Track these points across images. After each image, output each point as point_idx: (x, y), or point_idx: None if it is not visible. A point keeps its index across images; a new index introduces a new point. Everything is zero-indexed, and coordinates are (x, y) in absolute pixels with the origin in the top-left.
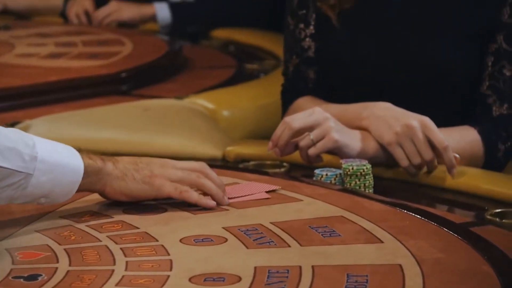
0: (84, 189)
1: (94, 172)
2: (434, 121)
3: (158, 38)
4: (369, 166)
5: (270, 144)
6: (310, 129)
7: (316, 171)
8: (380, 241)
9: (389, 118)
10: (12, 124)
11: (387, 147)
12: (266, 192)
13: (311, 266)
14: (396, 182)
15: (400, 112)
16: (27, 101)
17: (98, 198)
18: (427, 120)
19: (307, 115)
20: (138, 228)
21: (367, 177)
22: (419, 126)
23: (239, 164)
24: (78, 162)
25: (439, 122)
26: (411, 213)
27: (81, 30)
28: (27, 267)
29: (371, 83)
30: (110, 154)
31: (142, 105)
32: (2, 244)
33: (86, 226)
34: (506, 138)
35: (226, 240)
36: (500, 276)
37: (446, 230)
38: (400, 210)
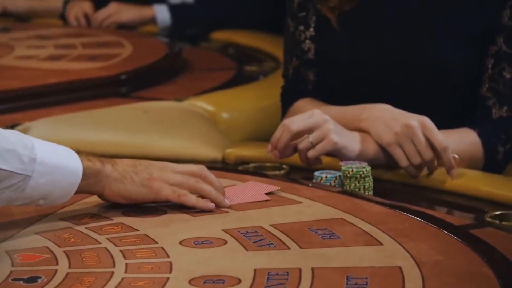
0: (82, 191)
1: (93, 174)
2: (434, 122)
3: (158, 40)
4: (368, 168)
5: (269, 146)
6: (309, 131)
7: (316, 173)
8: (380, 243)
9: (388, 119)
10: (12, 126)
11: (387, 148)
12: (265, 194)
13: (311, 268)
14: (395, 184)
15: (399, 113)
16: (26, 103)
17: (97, 200)
18: (427, 120)
19: (306, 117)
20: (138, 230)
21: (366, 179)
22: (419, 126)
23: (238, 166)
24: (77, 164)
25: (439, 124)
26: (410, 215)
27: (80, 32)
28: (26, 269)
29: (371, 84)
30: (110, 157)
31: (142, 107)
32: (1, 246)
33: (86, 228)
34: (505, 140)
35: (225, 242)
36: (499, 278)
37: (445, 232)
38: (400, 212)
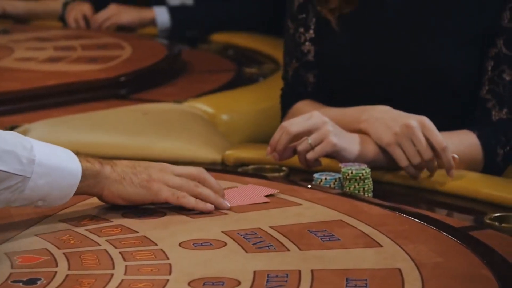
0: (82, 192)
1: (92, 175)
2: (434, 123)
3: (157, 42)
4: (368, 170)
5: (269, 148)
6: (308, 133)
7: (315, 175)
8: (379, 245)
9: (387, 120)
10: (11, 128)
11: (387, 148)
12: (265, 196)
13: (310, 270)
14: (395, 186)
15: (398, 114)
16: (26, 105)
17: (97, 202)
18: (426, 120)
19: (305, 119)
20: (137, 232)
21: (366, 181)
22: (418, 126)
23: (238, 168)
24: (76, 165)
25: (439, 125)
26: (410, 217)
27: (80, 34)
28: (26, 271)
29: (371, 86)
30: (109, 158)
31: (141, 109)
32: (1, 248)
33: (85, 230)
34: (505, 142)
35: (225, 244)
36: (499, 280)
37: (445, 234)
38: (399, 214)
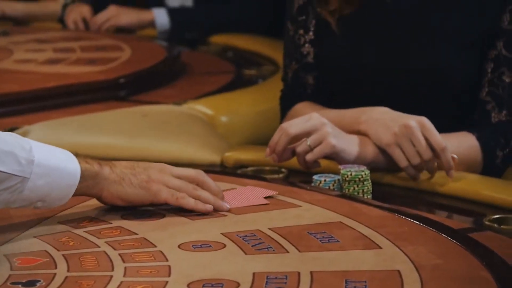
0: (81, 193)
1: (91, 176)
2: (434, 125)
3: (157, 43)
4: (367, 172)
5: (268, 150)
6: (307, 134)
7: (315, 177)
8: (379, 247)
9: (386, 120)
10: (11, 130)
11: (386, 149)
12: (264, 198)
13: (310, 272)
14: (394, 188)
15: (398, 115)
16: (25, 107)
17: (96, 204)
18: (425, 120)
19: (304, 120)
20: (137, 234)
21: (365, 183)
22: (417, 126)
23: (237, 170)
24: (75, 166)
25: (438, 127)
26: (409, 219)
27: (79, 36)
28: (25, 273)
29: (370, 88)
30: (109, 160)
31: (141, 111)
32: (0, 250)
33: (85, 231)
34: (504, 144)
35: (224, 246)
36: (498, 282)
37: (444, 236)
38: (399, 216)
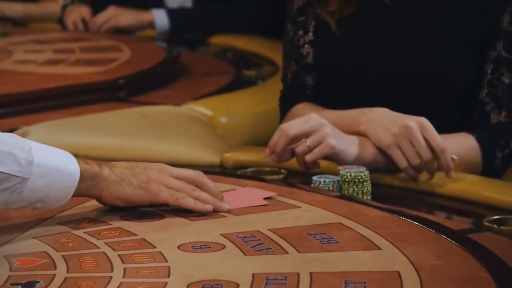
0: (80, 194)
1: (91, 176)
2: (434, 126)
3: (156, 44)
4: (367, 172)
5: (267, 151)
6: (306, 135)
7: (314, 178)
8: (378, 248)
9: (386, 121)
10: (10, 131)
11: (386, 149)
12: (264, 199)
13: (309, 273)
14: (394, 189)
15: (397, 115)
16: (25, 107)
17: (95, 205)
18: (425, 121)
19: (303, 121)
20: (136, 235)
21: (365, 183)
22: (417, 127)
23: (237, 171)
24: (74, 167)
25: (438, 128)
26: (409, 220)
27: (78, 37)
28: (25, 274)
29: (370, 89)
30: (108, 161)
31: (140, 111)
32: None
33: (84, 232)
34: (504, 145)
35: (224, 247)
36: (498, 283)
37: (444, 237)
38: (398, 217)
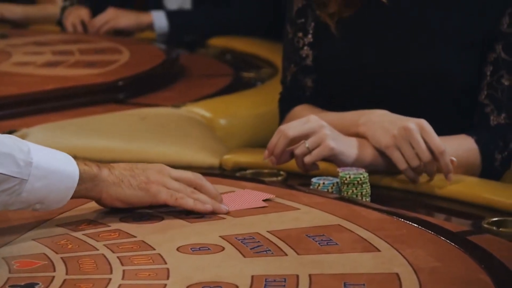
0: (79, 195)
1: (90, 178)
2: (433, 127)
3: (155, 46)
4: (366, 174)
5: (266, 152)
6: (305, 137)
7: (313, 180)
8: (377, 249)
9: (385, 123)
10: (9, 133)
11: (385, 151)
12: (263, 201)
13: (308, 275)
14: (393, 191)
15: (396, 117)
16: (24, 109)
17: (95, 207)
18: (424, 123)
19: (302, 123)
20: (135, 237)
21: (364, 185)
22: (417, 129)
23: (236, 173)
24: (73, 168)
25: (437, 129)
26: (408, 221)
27: (78, 39)
28: (24, 276)
29: (370, 89)
30: (107, 163)
31: (139, 113)
32: None
33: (83, 234)
34: (503, 147)
35: (223, 248)
36: (497, 285)
37: (443, 238)
38: (397, 218)
